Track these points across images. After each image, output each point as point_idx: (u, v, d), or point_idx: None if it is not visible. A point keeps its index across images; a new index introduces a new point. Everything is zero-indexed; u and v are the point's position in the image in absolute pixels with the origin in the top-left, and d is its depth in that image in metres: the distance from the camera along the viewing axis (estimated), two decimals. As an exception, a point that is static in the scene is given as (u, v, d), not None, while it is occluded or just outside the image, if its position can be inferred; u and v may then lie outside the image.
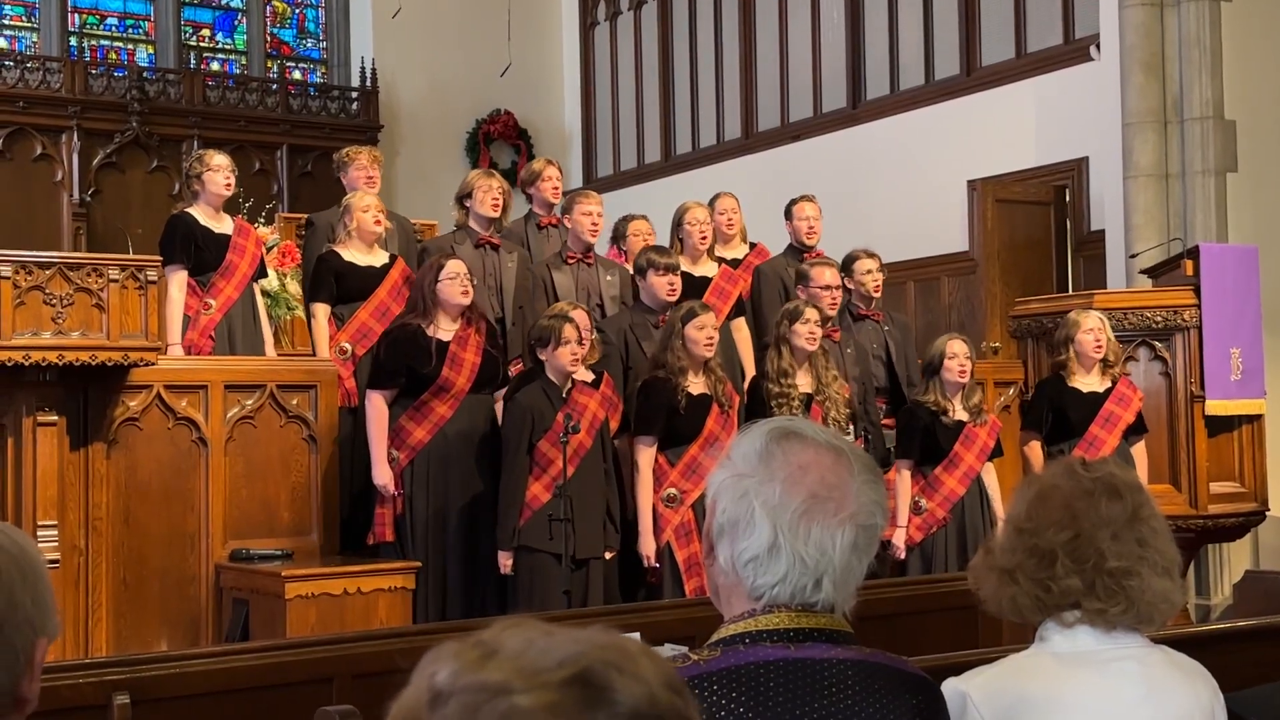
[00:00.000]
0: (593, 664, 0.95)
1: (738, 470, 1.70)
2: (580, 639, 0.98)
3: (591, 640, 0.98)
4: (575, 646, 0.97)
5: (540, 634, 0.99)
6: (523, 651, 0.97)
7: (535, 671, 0.95)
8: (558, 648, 0.97)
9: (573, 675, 0.94)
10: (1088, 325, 6.30)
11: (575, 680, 0.94)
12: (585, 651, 0.96)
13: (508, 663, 0.96)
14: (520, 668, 0.95)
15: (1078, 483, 2.10)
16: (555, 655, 0.96)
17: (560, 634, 0.99)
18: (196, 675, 3.56)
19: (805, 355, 5.85)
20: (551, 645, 0.97)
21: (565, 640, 0.98)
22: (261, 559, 5.57)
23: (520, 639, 0.98)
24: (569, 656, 0.96)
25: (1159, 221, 8.36)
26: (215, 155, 6.41)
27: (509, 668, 0.95)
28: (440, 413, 5.61)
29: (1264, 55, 8.41)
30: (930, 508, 6.12)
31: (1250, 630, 3.81)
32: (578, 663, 0.95)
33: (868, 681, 1.68)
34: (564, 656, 0.96)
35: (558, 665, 0.95)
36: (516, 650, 0.97)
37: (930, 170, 10.37)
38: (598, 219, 6.47)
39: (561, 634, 0.99)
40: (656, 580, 5.58)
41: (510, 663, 0.96)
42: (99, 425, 5.46)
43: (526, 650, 0.97)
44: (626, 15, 13.75)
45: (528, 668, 0.95)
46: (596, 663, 0.96)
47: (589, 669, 0.95)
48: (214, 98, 12.68)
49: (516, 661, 0.96)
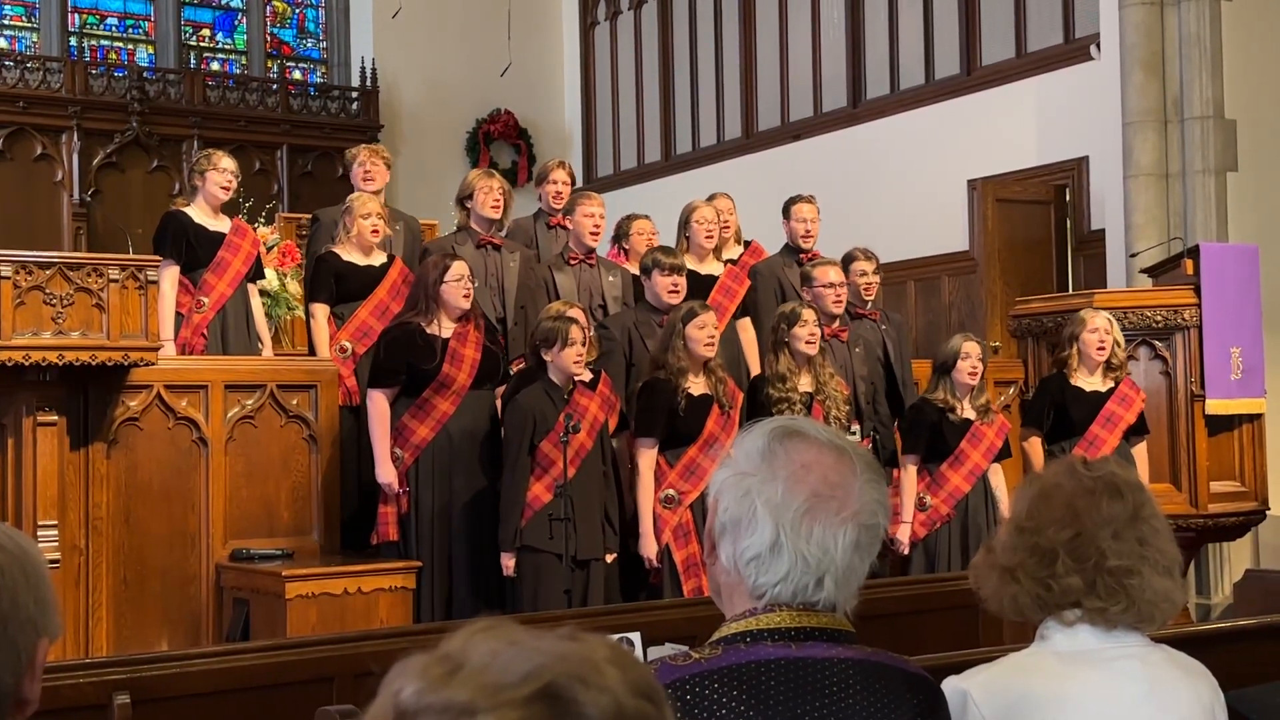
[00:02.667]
0: (556, 677, 0.95)
1: (740, 469, 1.70)
2: (544, 649, 0.98)
3: (556, 651, 0.97)
4: (539, 659, 0.96)
5: (505, 643, 0.98)
6: (486, 666, 0.96)
7: (499, 689, 0.94)
8: (521, 660, 0.96)
9: (536, 691, 0.94)
10: (1093, 325, 6.30)
11: (539, 696, 0.94)
12: (548, 664, 0.96)
13: (471, 680, 0.95)
14: (484, 685, 0.95)
15: (1079, 482, 2.10)
16: (519, 669, 0.95)
17: (525, 642, 0.98)
18: (197, 675, 3.56)
19: (806, 359, 5.85)
20: (515, 657, 0.97)
21: (529, 651, 0.97)
22: (262, 559, 5.57)
23: (485, 651, 0.98)
24: (532, 670, 0.95)
25: (1159, 221, 8.37)
26: (223, 158, 6.37)
27: (472, 685, 0.95)
28: (443, 409, 5.61)
29: (1265, 54, 8.41)
30: (935, 504, 6.14)
31: (1251, 629, 3.81)
32: (540, 677, 0.95)
33: (869, 681, 1.68)
34: (528, 670, 0.95)
35: (521, 680, 0.95)
36: (480, 665, 0.96)
37: (931, 170, 10.37)
38: (599, 220, 6.47)
39: (526, 642, 0.98)
40: (658, 581, 5.58)
41: (474, 679, 0.95)
42: (99, 425, 5.46)
43: (490, 664, 0.96)
44: (627, 15, 13.75)
45: (491, 685, 0.95)
46: (560, 676, 0.95)
47: (552, 683, 0.95)
48: (214, 98, 12.68)
49: (480, 678, 0.95)
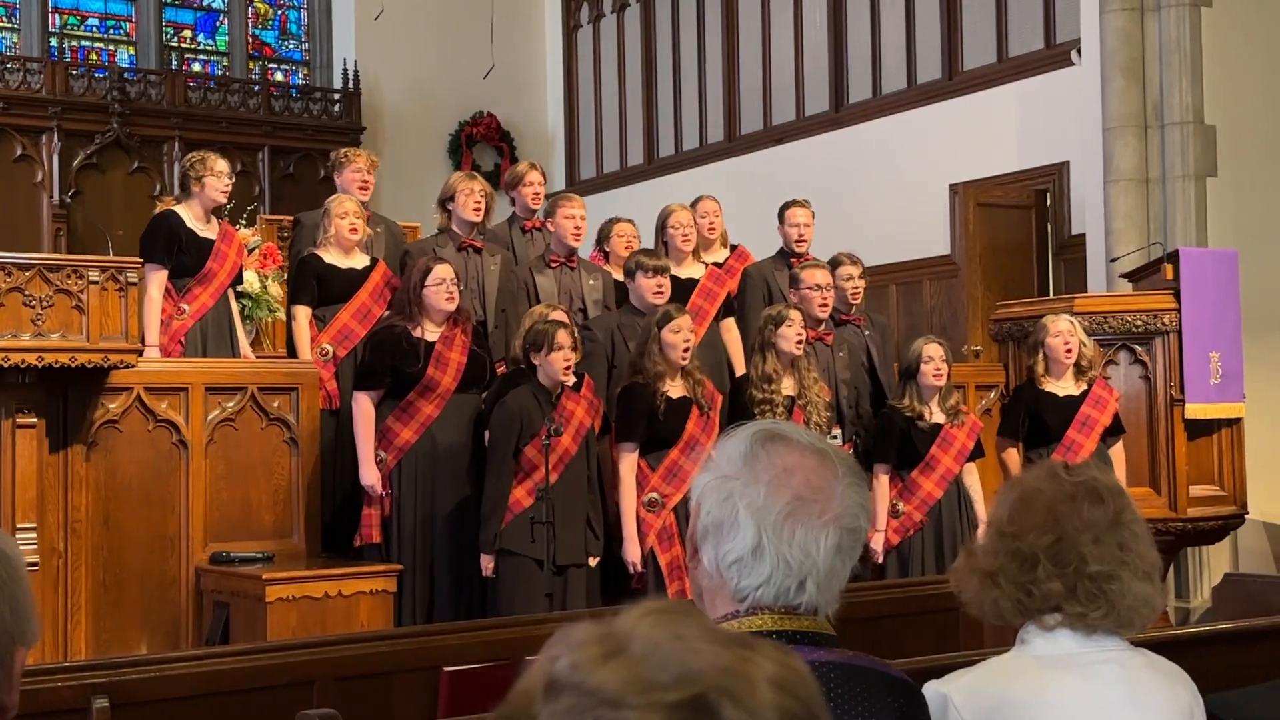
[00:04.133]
0: (709, 689, 0.93)
1: (722, 472, 1.70)
2: (707, 652, 0.95)
3: (717, 659, 0.95)
4: (698, 662, 0.94)
5: (670, 636, 0.96)
6: (645, 658, 0.94)
7: (649, 687, 0.93)
8: (680, 660, 0.94)
9: (684, 700, 0.92)
10: (1056, 329, 6.30)
11: (686, 705, 0.92)
12: (705, 673, 0.94)
13: (625, 669, 0.94)
14: (636, 678, 0.93)
15: (1060, 486, 2.11)
16: (674, 670, 0.94)
17: (691, 639, 0.96)
18: (177, 678, 3.55)
19: (790, 360, 5.85)
20: (675, 655, 0.95)
21: (691, 651, 0.95)
22: (242, 561, 5.54)
23: (648, 640, 0.96)
24: (688, 674, 0.93)
25: (1139, 225, 8.40)
26: (219, 160, 6.34)
27: (626, 676, 0.93)
28: (427, 412, 5.60)
29: (1243, 60, 8.46)
30: (908, 511, 6.13)
31: (1229, 633, 3.82)
32: (695, 684, 0.93)
33: (849, 684, 1.68)
34: (683, 673, 0.93)
35: (674, 683, 0.93)
36: (639, 655, 0.95)
37: (912, 174, 10.40)
38: (580, 222, 6.47)
39: (693, 639, 0.96)
40: (641, 585, 5.58)
41: (628, 670, 0.94)
42: (78, 427, 5.44)
43: (650, 656, 0.95)
44: (609, 18, 13.76)
45: (643, 680, 0.93)
46: (713, 689, 0.93)
47: (703, 695, 0.93)
48: (195, 99, 12.64)
49: (635, 669, 0.94)
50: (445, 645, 3.97)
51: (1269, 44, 8.54)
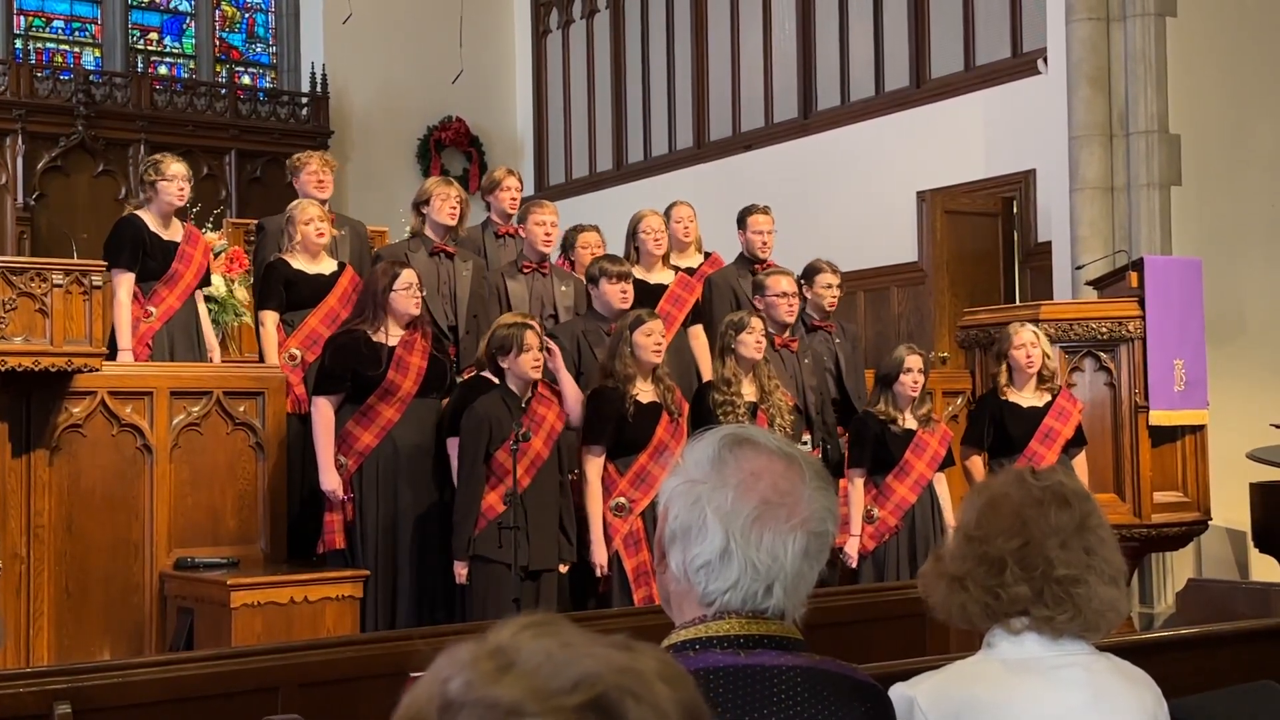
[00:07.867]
0: (608, 689, 0.93)
1: (690, 477, 1.70)
2: (599, 655, 0.96)
3: (609, 660, 0.96)
4: (592, 665, 0.95)
5: (558, 644, 0.97)
6: (539, 667, 0.95)
7: (549, 694, 0.93)
8: (574, 665, 0.95)
9: (586, 701, 0.92)
10: (1019, 340, 6.32)
11: (588, 707, 0.92)
12: (602, 674, 0.94)
13: (522, 680, 0.94)
14: (534, 688, 0.93)
15: (1027, 491, 2.12)
16: (571, 674, 0.94)
17: (578, 646, 0.97)
18: (140, 685, 3.52)
19: (750, 364, 5.87)
20: (568, 661, 0.95)
21: (583, 656, 0.96)
22: (207, 567, 5.51)
23: (537, 650, 0.96)
24: (585, 677, 0.94)
25: (1105, 234, 8.45)
26: (173, 164, 6.26)
27: (523, 686, 0.93)
28: (387, 416, 5.58)
29: (1208, 70, 8.53)
30: (882, 516, 6.15)
31: (1193, 638, 3.85)
32: (593, 686, 0.93)
33: (816, 689, 1.68)
34: (580, 677, 0.94)
35: (573, 687, 0.93)
36: (532, 665, 0.95)
37: (880, 181, 10.44)
38: (551, 229, 6.46)
39: (580, 646, 0.97)
40: (606, 590, 5.57)
41: (525, 680, 0.94)
42: (42, 432, 5.39)
43: (543, 665, 0.95)
44: (579, 23, 13.76)
45: (542, 688, 0.93)
46: (612, 688, 0.93)
47: (604, 695, 0.93)
48: (162, 102, 12.56)
49: (531, 680, 0.94)
50: (411, 651, 3.95)
51: (1233, 54, 8.62)
